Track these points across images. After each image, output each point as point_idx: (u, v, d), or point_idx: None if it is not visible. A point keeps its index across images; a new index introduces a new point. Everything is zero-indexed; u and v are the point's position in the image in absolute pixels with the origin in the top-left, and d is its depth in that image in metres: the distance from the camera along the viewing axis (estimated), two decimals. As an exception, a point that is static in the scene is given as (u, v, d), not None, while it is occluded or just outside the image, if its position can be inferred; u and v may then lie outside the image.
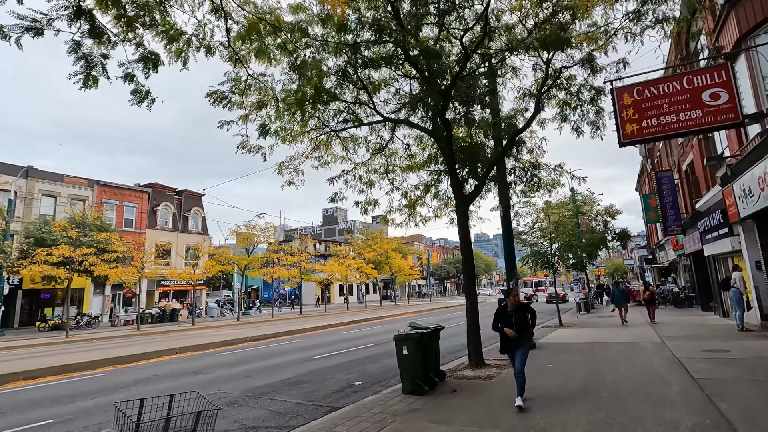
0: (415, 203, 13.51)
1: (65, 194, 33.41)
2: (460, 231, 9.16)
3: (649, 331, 13.58)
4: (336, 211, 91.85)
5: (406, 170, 13.05)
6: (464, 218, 9.15)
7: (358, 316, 27.25)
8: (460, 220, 9.15)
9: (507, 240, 11.81)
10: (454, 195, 9.65)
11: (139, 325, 22.36)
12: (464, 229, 9.11)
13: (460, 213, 9.20)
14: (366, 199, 12.50)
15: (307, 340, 15.91)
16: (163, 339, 17.31)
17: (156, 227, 39.25)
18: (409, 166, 12.88)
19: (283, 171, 11.71)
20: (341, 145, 12.24)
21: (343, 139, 12.22)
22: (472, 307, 8.74)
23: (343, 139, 12.19)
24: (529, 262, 18.27)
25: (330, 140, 12.03)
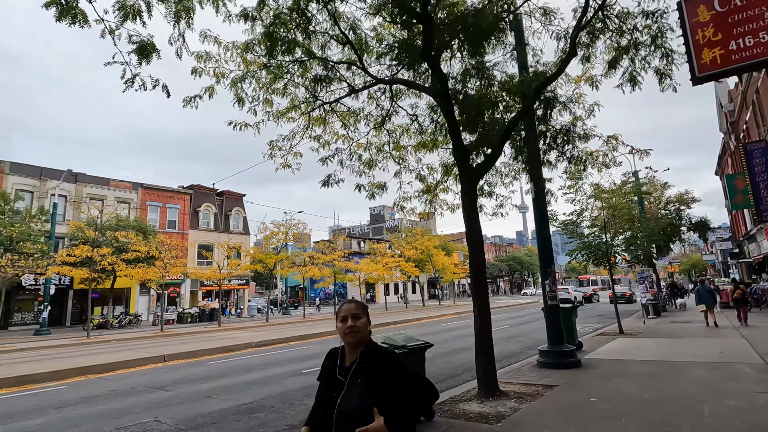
0: (435, 188, 11.47)
1: (111, 197, 34.65)
2: (465, 215, 6.92)
3: (742, 344, 10.38)
4: (383, 209, 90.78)
5: (419, 148, 10.99)
6: (470, 197, 6.90)
7: (393, 317, 25.33)
8: (465, 200, 6.92)
9: (541, 226, 9.32)
10: (458, 168, 7.44)
11: (163, 326, 22.04)
12: (470, 212, 6.86)
13: (464, 191, 6.97)
14: (371, 182, 10.66)
15: (316, 346, 14.26)
16: (173, 342, 16.49)
17: (198, 228, 39.90)
18: (422, 143, 10.81)
19: (275, 152, 10.08)
20: (341, 122, 10.43)
21: (342, 115, 10.40)
22: (483, 314, 6.49)
23: (342, 115, 10.38)
24: (579, 257, 15.33)
25: (326, 116, 10.26)
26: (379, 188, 10.82)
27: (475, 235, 6.72)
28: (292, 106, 9.68)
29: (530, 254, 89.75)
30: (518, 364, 9.39)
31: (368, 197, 10.93)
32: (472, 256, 6.67)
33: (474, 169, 7.02)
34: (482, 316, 6.44)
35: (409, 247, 38.17)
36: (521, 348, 12.36)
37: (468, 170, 6.93)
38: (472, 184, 6.94)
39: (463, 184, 6.98)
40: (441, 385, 7.96)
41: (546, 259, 9.12)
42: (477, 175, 7.08)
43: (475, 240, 6.70)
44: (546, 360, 8.69)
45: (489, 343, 6.42)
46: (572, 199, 15.32)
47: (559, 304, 8.98)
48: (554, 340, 8.77)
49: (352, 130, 10.66)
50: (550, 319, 8.91)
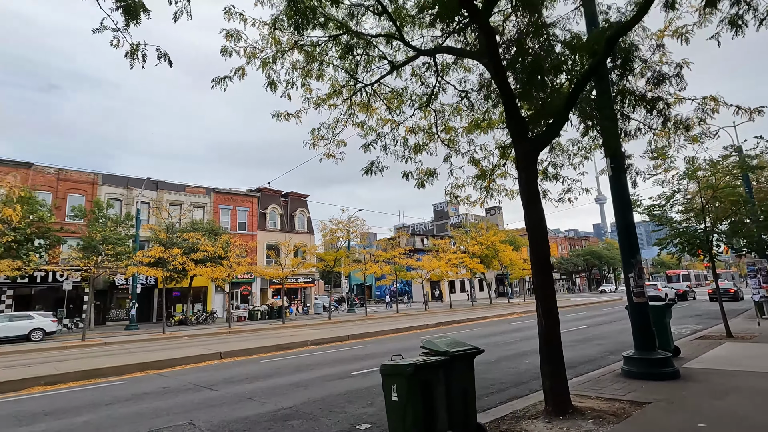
0: (492, 172, 10.42)
1: (187, 202, 37.19)
2: (524, 196, 5.81)
3: None
4: (446, 205, 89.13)
5: (472, 129, 10.00)
6: (528, 174, 5.77)
7: (456, 316, 24.17)
8: (522, 178, 5.81)
9: (621, 209, 7.85)
10: (512, 139, 6.34)
11: (231, 323, 22.86)
12: (529, 192, 5.74)
13: (521, 167, 5.86)
14: (419, 169, 9.88)
15: (371, 345, 13.67)
16: (236, 339, 16.89)
17: (266, 229, 41.55)
18: (475, 123, 9.83)
19: (317, 141, 9.63)
20: (385, 106, 9.75)
21: (386, 98, 9.72)
22: (548, 314, 5.36)
23: (385, 98, 9.70)
24: (671, 247, 13.15)
25: (370, 100, 9.61)
26: (429, 175, 9.96)
27: (535, 220, 5.59)
28: (332, 92, 9.13)
29: (610, 248, 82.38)
30: (597, 373, 7.99)
31: (417, 185, 10.10)
32: (533, 246, 5.56)
33: (532, 141, 5.87)
34: (547, 316, 5.31)
35: (473, 242, 36.49)
36: (601, 352, 10.76)
37: (524, 141, 5.80)
38: (530, 157, 5.81)
39: (520, 159, 5.87)
40: (502, 395, 6.91)
41: (629, 248, 7.63)
42: (536, 148, 5.92)
43: (536, 226, 5.58)
44: (633, 368, 7.24)
45: (557, 348, 5.28)
46: (661, 181, 13.21)
47: (647, 301, 7.46)
48: (643, 345, 7.29)
49: (397, 114, 9.92)
50: (636, 319, 7.43)
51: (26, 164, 29.51)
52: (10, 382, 8.39)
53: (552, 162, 10.57)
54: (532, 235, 5.58)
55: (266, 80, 7.79)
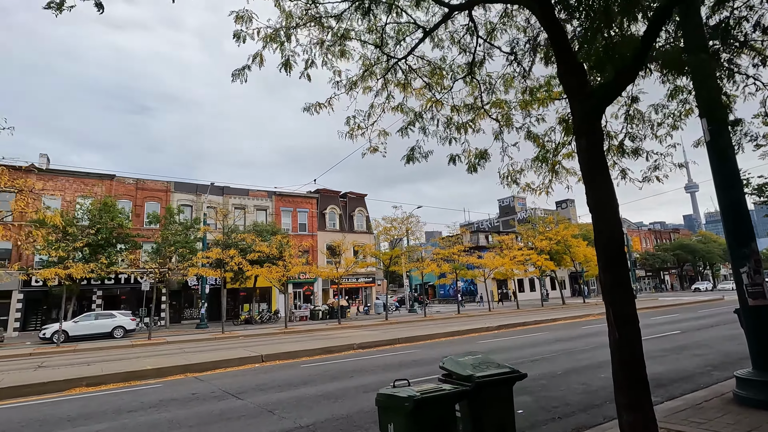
0: (556, 152, 8.98)
1: (251, 206, 38.63)
2: (585, 170, 4.42)
3: None
4: (513, 200, 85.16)
5: (529, 103, 8.68)
6: (589, 139, 4.36)
7: (521, 318, 22.19)
8: (582, 147, 4.40)
9: (724, 184, 6.04)
10: (568, 99, 4.93)
11: (287, 323, 22.95)
12: (592, 162, 4.33)
13: (581, 132, 4.45)
14: (467, 151, 8.71)
15: (424, 350, 12.55)
16: (287, 340, 16.65)
17: (325, 229, 41.97)
18: (531, 93, 8.54)
19: (355, 131, 8.81)
20: (424, 83, 8.71)
21: (424, 74, 8.68)
22: (622, 322, 3.93)
23: (424, 74, 8.67)
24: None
25: (407, 77, 8.63)
26: (480, 157, 8.71)
27: (601, 198, 4.17)
28: (365, 72, 8.21)
29: (705, 240, 72.92)
30: (699, 396, 6.21)
31: (469, 170, 8.87)
32: (599, 231, 4.15)
33: (594, 95, 4.44)
34: (622, 324, 3.89)
35: (540, 237, 33.72)
36: (701, 366, 8.70)
37: (583, 97, 4.39)
38: (592, 118, 4.39)
39: (578, 121, 4.47)
40: (567, 422, 5.51)
41: (740, 233, 5.79)
42: (600, 105, 4.46)
43: (602, 204, 4.16)
44: (751, 395, 5.43)
45: (637, 370, 3.85)
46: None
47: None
48: (765, 363, 5.46)
49: (439, 91, 8.78)
50: (756, 329, 5.60)
51: (109, 176, 32.32)
52: (56, 383, 8.54)
53: (629, 133, 8.81)
54: (597, 217, 4.17)
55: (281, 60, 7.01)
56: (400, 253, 26.84)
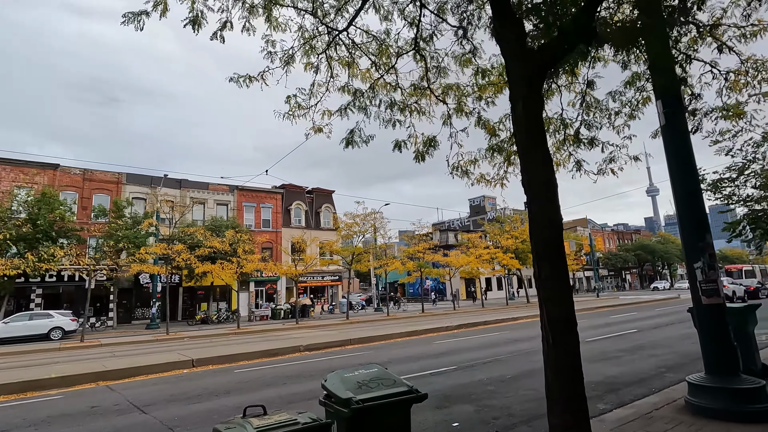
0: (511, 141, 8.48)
1: (211, 200, 36.89)
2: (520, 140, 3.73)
3: None
4: (483, 200, 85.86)
5: (480, 89, 8.09)
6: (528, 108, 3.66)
7: (484, 317, 21.84)
8: (518, 113, 3.70)
9: (680, 171, 5.54)
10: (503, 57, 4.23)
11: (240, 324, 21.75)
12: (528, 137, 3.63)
13: (516, 96, 3.75)
14: (413, 136, 8.06)
15: (376, 352, 11.80)
16: (236, 341, 15.58)
17: (290, 225, 40.65)
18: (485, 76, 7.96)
19: (295, 111, 7.91)
20: (370, 61, 7.96)
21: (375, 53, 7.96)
22: (559, 327, 3.24)
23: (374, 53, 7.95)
24: (747, 232, 10.38)
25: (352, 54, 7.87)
26: (428, 145, 8.02)
27: (539, 174, 3.49)
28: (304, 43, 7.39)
29: (663, 241, 75.85)
30: (650, 402, 5.70)
31: (416, 158, 8.17)
32: (535, 215, 3.47)
33: (535, 55, 3.74)
34: (559, 330, 3.21)
35: (506, 236, 33.68)
36: (655, 368, 8.31)
37: (523, 56, 3.69)
38: (531, 81, 3.70)
39: (515, 83, 3.77)
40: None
41: (694, 226, 5.29)
42: (541, 67, 3.77)
43: (539, 182, 3.48)
44: (704, 402, 4.93)
45: (575, 384, 3.17)
46: (727, 150, 10.48)
47: (724, 303, 5.10)
48: (718, 367, 4.97)
49: (386, 70, 8.05)
50: (709, 329, 5.12)
51: (52, 165, 29.96)
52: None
53: (585, 121, 8.33)
54: (532, 197, 3.48)
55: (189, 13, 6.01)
56: (362, 251, 26.04)
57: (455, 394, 6.82)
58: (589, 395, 6.54)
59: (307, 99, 7.86)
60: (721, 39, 7.08)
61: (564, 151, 8.48)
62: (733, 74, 7.29)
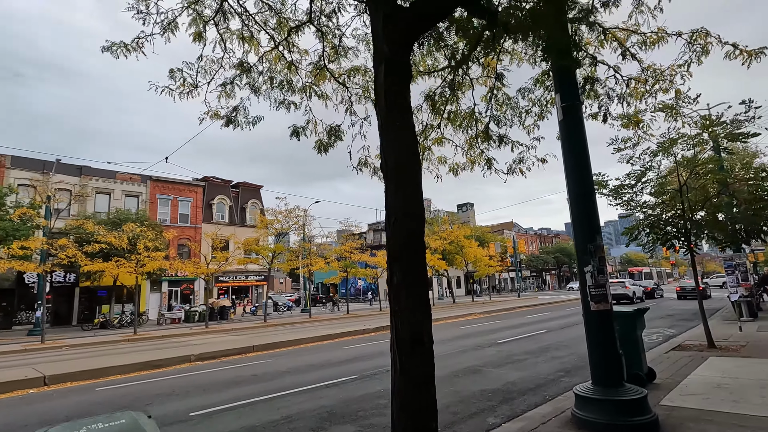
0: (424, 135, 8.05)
1: (119, 191, 33.22)
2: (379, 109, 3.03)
3: None
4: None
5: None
6: (393, 73, 2.97)
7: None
8: (380, 78, 3.01)
9: (573, 165, 5.25)
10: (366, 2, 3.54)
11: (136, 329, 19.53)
12: (390, 102, 2.95)
13: (378, 56, 3.06)
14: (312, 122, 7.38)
15: (275, 360, 10.80)
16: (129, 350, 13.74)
17: (212, 221, 37.89)
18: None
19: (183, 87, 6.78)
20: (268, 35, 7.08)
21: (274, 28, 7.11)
22: (412, 349, 2.56)
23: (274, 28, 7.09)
24: (642, 236, 10.83)
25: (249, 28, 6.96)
26: (332, 134, 7.26)
27: (400, 153, 2.82)
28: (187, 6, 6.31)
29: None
30: (539, 413, 5.35)
31: (318, 149, 7.36)
32: (391, 201, 2.79)
33: (404, 14, 3.07)
34: (412, 349, 2.54)
35: (435, 237, 33.99)
36: (555, 371, 8.20)
37: (388, 15, 3.01)
38: (394, 43, 3.02)
39: (379, 38, 3.08)
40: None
41: (586, 226, 5.00)
42: (409, 27, 3.11)
43: (399, 164, 2.81)
44: (589, 415, 4.61)
45: (428, 420, 2.51)
46: (628, 157, 10.86)
47: (611, 309, 4.85)
48: (604, 378, 4.69)
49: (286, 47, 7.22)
50: (596, 337, 4.84)
51: None
52: None
53: (495, 117, 8.02)
54: (390, 181, 2.80)
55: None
56: (284, 250, 24.65)
57: (341, 412, 6.07)
58: (483, 407, 6.15)
59: (196, 75, 6.80)
60: (624, 44, 7.07)
61: (476, 148, 8.16)
62: (634, 81, 7.33)
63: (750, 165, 17.61)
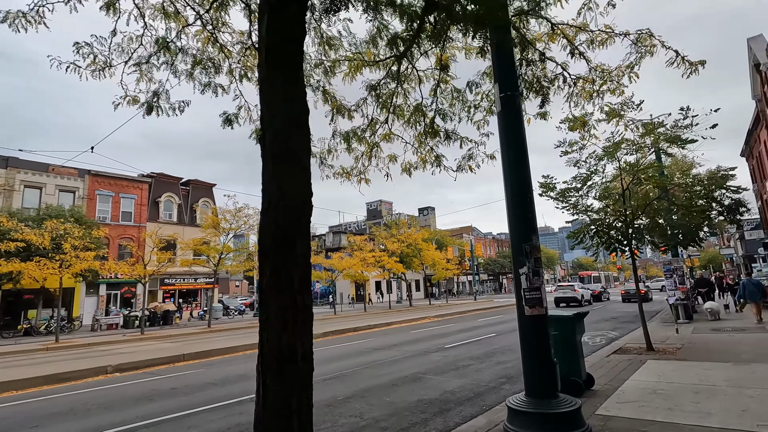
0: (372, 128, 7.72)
1: (52, 185, 30.53)
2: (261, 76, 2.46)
3: None
4: (380, 204, 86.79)
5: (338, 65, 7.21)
6: (274, 21, 2.42)
7: (354, 323, 20.96)
8: (261, 30, 2.45)
9: (510, 156, 4.91)
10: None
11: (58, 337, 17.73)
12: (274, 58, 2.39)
13: (263, 6, 2.50)
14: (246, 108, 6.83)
15: (205, 370, 9.92)
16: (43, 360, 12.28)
17: (158, 220, 35.68)
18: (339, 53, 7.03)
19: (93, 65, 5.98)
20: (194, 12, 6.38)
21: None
22: (280, 368, 1.99)
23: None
24: (586, 240, 10.85)
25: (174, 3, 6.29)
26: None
27: (285, 119, 2.27)
28: None
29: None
30: (474, 425, 4.94)
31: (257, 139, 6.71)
32: (266, 192, 2.23)
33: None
34: (276, 373, 1.97)
35: (393, 240, 33.67)
36: (497, 378, 7.89)
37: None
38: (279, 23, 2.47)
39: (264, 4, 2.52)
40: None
41: (523, 224, 4.65)
42: None
43: (280, 140, 2.26)
44: (520, 430, 4.23)
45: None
46: (575, 161, 10.86)
47: (546, 314, 4.51)
48: (538, 389, 4.33)
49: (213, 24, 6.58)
50: (529, 344, 4.48)
51: None
52: None
53: (440, 111, 7.70)
54: (266, 159, 2.24)
55: None
56: (233, 250, 23.40)
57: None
58: (416, 420, 5.65)
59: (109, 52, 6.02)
60: (573, 42, 6.90)
61: (425, 146, 7.79)
62: (582, 81, 7.18)
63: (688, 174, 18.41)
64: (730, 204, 16.79)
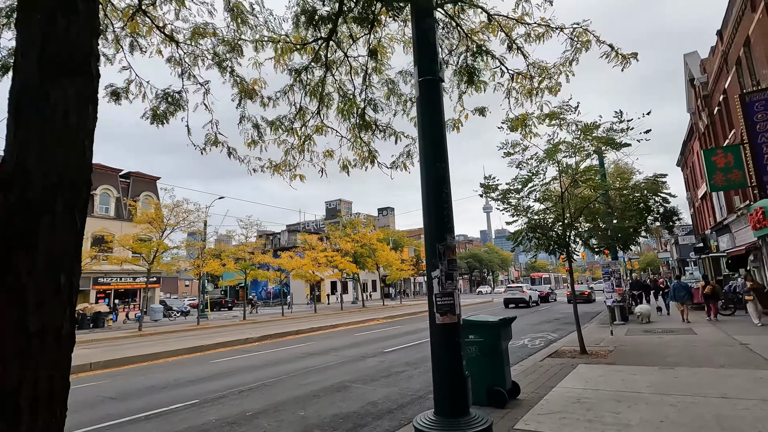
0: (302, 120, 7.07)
1: (-35, 173, 27.36)
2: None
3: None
4: (339, 203, 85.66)
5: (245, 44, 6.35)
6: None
7: (300, 325, 20.14)
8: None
9: (426, 144, 4.44)
10: None
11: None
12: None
13: None
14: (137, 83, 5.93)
15: (109, 381, 8.86)
16: None
17: (92, 215, 32.99)
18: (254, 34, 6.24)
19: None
20: None
21: None
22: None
23: None
24: (525, 242, 10.73)
25: None
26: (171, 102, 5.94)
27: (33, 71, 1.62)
28: None
29: (490, 251, 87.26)
30: (380, 449, 4.42)
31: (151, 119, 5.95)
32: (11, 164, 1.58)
33: None
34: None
35: (346, 239, 33.00)
36: (428, 385, 7.43)
37: None
38: None
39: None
40: None
41: (437, 222, 4.19)
42: None
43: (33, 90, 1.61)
44: (424, 454, 3.75)
45: None
46: (518, 162, 10.70)
47: (458, 323, 4.07)
48: (448, 405, 3.89)
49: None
50: (439, 356, 4.03)
51: None
52: None
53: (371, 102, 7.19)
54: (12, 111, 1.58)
55: None
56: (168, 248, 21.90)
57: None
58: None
59: None
60: (510, 35, 6.59)
61: (359, 140, 7.23)
62: (520, 76, 6.90)
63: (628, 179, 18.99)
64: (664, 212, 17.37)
